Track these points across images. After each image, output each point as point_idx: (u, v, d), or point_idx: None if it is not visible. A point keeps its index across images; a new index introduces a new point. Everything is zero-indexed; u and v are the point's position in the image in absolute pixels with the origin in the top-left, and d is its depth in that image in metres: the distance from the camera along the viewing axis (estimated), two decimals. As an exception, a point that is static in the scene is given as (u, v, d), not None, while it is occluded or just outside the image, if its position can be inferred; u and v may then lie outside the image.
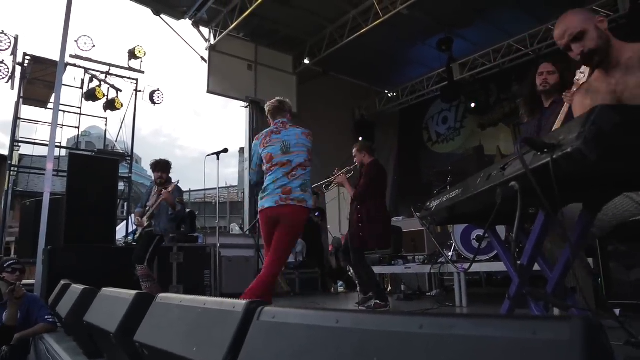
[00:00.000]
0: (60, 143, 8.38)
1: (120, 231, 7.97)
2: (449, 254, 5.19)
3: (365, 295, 4.83)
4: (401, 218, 7.50)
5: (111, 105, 8.43)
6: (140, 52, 8.41)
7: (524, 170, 1.09)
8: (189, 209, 8.27)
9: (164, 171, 5.23)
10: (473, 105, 9.65)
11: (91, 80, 8.27)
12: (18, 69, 7.76)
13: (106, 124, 9.08)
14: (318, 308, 0.96)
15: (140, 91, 8.75)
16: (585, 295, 1.51)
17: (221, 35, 8.31)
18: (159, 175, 5.20)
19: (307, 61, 9.39)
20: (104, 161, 6.83)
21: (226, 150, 5.72)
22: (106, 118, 8.92)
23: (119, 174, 7.07)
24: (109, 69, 8.41)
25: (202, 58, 8.67)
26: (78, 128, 8.64)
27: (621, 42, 1.76)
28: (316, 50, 9.15)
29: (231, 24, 7.97)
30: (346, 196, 6.32)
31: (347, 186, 4.62)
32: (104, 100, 8.36)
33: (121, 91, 8.59)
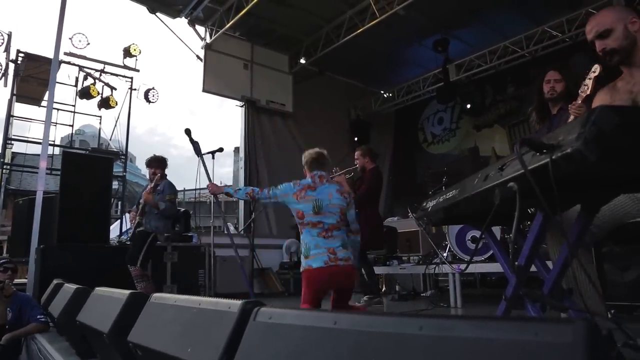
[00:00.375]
0: (53, 141, 8.33)
1: (114, 230, 7.92)
2: (444, 255, 5.20)
3: (372, 295, 4.95)
4: (396, 218, 7.49)
5: (106, 103, 8.38)
6: (135, 50, 8.36)
7: (523, 170, 1.09)
8: (184, 208, 8.24)
9: (158, 167, 5.12)
10: (468, 106, 9.68)
11: (85, 78, 8.21)
12: (11, 66, 7.70)
13: (100, 123, 9.04)
14: (315, 309, 0.95)
15: (135, 89, 8.70)
16: (583, 296, 1.51)
17: (217, 34, 8.27)
18: (152, 171, 5.11)
19: (303, 61, 9.36)
20: (98, 160, 6.79)
21: (221, 149, 5.67)
22: (100, 116, 8.88)
23: (113, 173, 7.03)
24: (104, 67, 8.35)
25: (198, 57, 8.63)
26: (72, 126, 8.58)
27: None
28: (312, 50, 9.13)
29: (227, 23, 7.93)
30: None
31: (347, 188, 4.60)
32: (99, 98, 8.31)
33: (116, 89, 8.54)
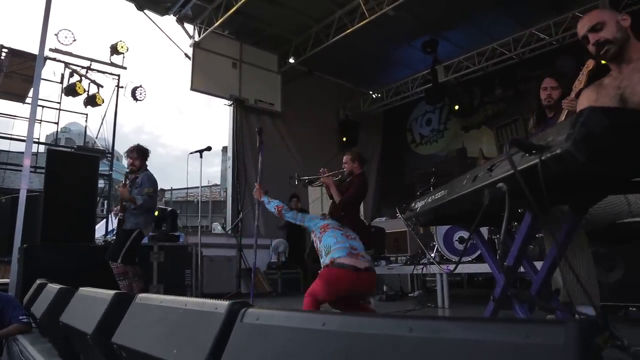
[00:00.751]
0: (38, 139, 8.20)
1: (99, 230, 7.82)
2: (432, 255, 5.22)
3: None
4: (384, 219, 7.51)
5: (92, 101, 8.27)
6: (122, 48, 8.26)
7: (512, 171, 1.08)
8: (171, 208, 8.17)
9: (138, 158, 4.94)
10: (457, 107, 9.74)
11: (71, 75, 8.09)
12: (-5, 62, 7.58)
13: (86, 120, 8.92)
14: (303, 310, 0.94)
15: (122, 87, 8.60)
16: (571, 295, 1.52)
17: (206, 32, 8.21)
18: (131, 161, 4.93)
19: (292, 60, 9.34)
20: (84, 158, 6.70)
21: (209, 148, 5.66)
22: (86, 114, 8.75)
23: (99, 172, 6.94)
24: (90, 64, 8.24)
25: (186, 55, 8.55)
26: (57, 124, 8.46)
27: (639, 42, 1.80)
28: (301, 49, 9.11)
29: (216, 21, 7.88)
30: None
31: (334, 190, 4.56)
32: (85, 95, 8.20)
33: (102, 87, 8.42)
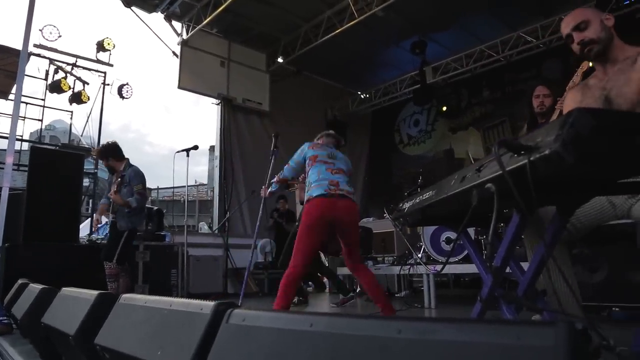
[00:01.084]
0: (22, 136, 8.07)
1: (84, 229, 7.71)
2: (419, 256, 5.23)
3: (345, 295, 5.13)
4: (371, 219, 7.51)
5: (77, 98, 8.15)
6: (109, 45, 8.16)
7: (501, 171, 1.08)
8: (157, 207, 8.09)
9: (109, 157, 4.75)
10: (444, 108, 9.81)
11: (56, 71, 7.97)
12: (-23, 58, 7.43)
13: (71, 118, 8.78)
14: (291, 310, 0.93)
15: (108, 85, 8.50)
16: (559, 296, 1.52)
17: (194, 30, 8.15)
18: (105, 163, 4.79)
19: (281, 60, 9.32)
20: (68, 156, 6.59)
21: (196, 147, 5.61)
22: (72, 111, 8.61)
23: (84, 170, 6.85)
24: (76, 61, 8.12)
25: (174, 53, 8.48)
26: (41, 121, 8.32)
27: (624, 43, 1.82)
28: (290, 49, 9.10)
29: (204, 19, 7.83)
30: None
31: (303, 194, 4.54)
32: (70, 92, 8.08)
33: (88, 84, 8.31)
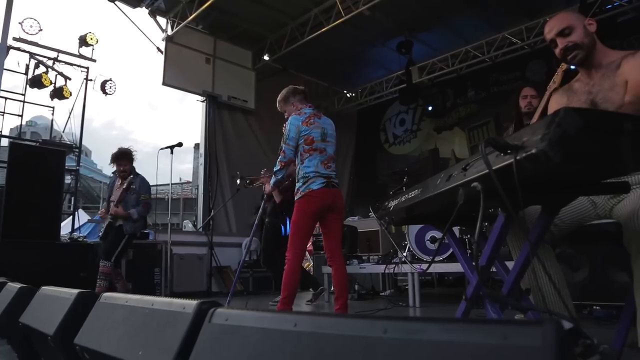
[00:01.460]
0: (1, 132, 7.89)
1: (66, 227, 7.59)
2: (404, 255, 5.25)
3: (315, 291, 5.17)
4: (356, 218, 7.53)
5: (59, 93, 7.99)
6: (92, 40, 8.01)
7: (487, 170, 1.08)
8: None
9: (128, 162, 4.91)
10: (430, 108, 9.86)
11: (37, 66, 7.79)
12: (-46, 51, 7.24)
13: (53, 114, 8.61)
14: (274, 310, 0.91)
15: (91, 80, 8.33)
16: (544, 296, 1.53)
17: (179, 26, 8.06)
18: (122, 168, 4.89)
19: (267, 57, 9.26)
20: (49, 152, 6.48)
21: (180, 144, 5.56)
22: (53, 107, 8.44)
23: (66, 167, 6.73)
24: (57, 55, 7.96)
25: (159, 49, 8.37)
26: (21, 116, 8.14)
27: (606, 48, 1.85)
28: (276, 46, 9.05)
29: (190, 15, 7.75)
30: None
31: (276, 191, 4.52)
32: (51, 88, 7.92)
33: (70, 79, 8.14)
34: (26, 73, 7.72)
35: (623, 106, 1.67)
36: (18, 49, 7.51)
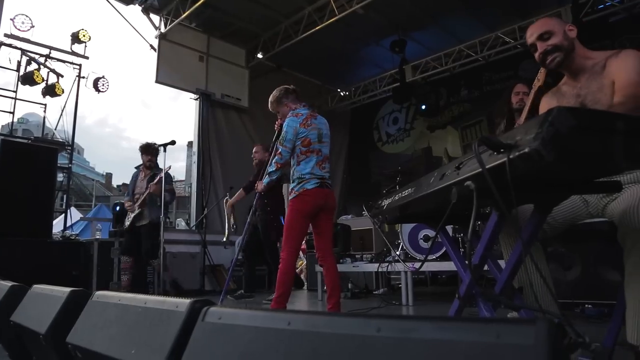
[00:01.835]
0: (-9, 129, 7.82)
1: (58, 225, 7.54)
2: (397, 253, 5.27)
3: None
4: (350, 216, 7.54)
5: (51, 90, 7.92)
6: (84, 36, 7.95)
7: (480, 169, 1.08)
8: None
9: (154, 154, 5.49)
10: (423, 107, 9.88)
11: (29, 62, 7.71)
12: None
13: (45, 111, 8.53)
14: (268, 309, 0.91)
15: (83, 77, 8.27)
16: (536, 294, 1.54)
17: (172, 24, 8.02)
18: (149, 158, 5.44)
19: (261, 55, 9.23)
20: (41, 150, 6.43)
21: (173, 142, 5.51)
22: (45, 104, 8.37)
23: (58, 164, 6.69)
24: (50, 52, 7.89)
25: (152, 46, 8.33)
26: (13, 114, 8.06)
27: (588, 50, 1.89)
28: (270, 45, 9.03)
29: (183, 13, 7.71)
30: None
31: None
32: (43, 85, 7.85)
33: (62, 76, 8.07)
34: (18, 70, 7.64)
35: (613, 107, 1.68)
36: (10, 46, 7.44)
